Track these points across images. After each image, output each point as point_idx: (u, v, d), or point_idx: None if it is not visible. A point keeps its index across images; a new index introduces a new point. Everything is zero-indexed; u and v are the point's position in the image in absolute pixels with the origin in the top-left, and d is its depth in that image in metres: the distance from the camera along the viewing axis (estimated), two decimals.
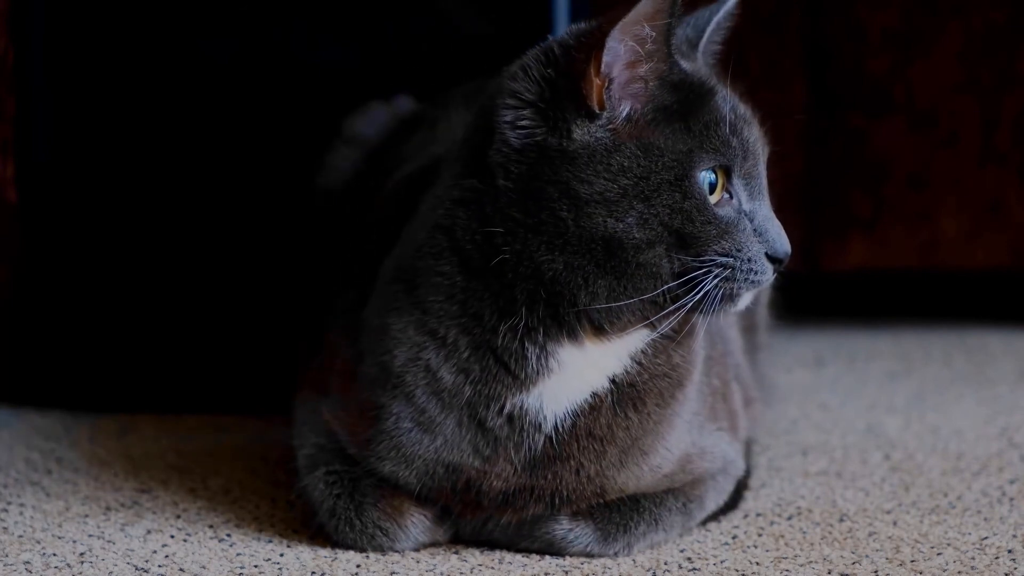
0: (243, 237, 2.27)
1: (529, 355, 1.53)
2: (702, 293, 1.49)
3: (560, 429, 1.56)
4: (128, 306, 2.29)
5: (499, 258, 1.51)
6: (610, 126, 1.49)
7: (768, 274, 1.53)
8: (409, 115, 2.07)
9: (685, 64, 1.54)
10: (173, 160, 2.26)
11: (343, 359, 1.67)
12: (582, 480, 1.58)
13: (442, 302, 1.55)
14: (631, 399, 1.58)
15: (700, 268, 1.49)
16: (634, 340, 1.56)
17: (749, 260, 1.51)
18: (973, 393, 2.39)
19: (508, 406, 1.55)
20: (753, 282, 1.52)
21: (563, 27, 2.19)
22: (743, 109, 1.55)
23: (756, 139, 1.55)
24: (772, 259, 1.52)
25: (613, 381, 1.57)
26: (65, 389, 2.30)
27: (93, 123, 2.26)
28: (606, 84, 1.49)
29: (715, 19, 1.61)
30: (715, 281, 1.49)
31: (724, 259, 1.50)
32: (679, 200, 1.48)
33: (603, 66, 1.48)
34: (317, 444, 1.68)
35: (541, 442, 1.56)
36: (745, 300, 1.54)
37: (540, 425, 1.55)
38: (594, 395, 1.56)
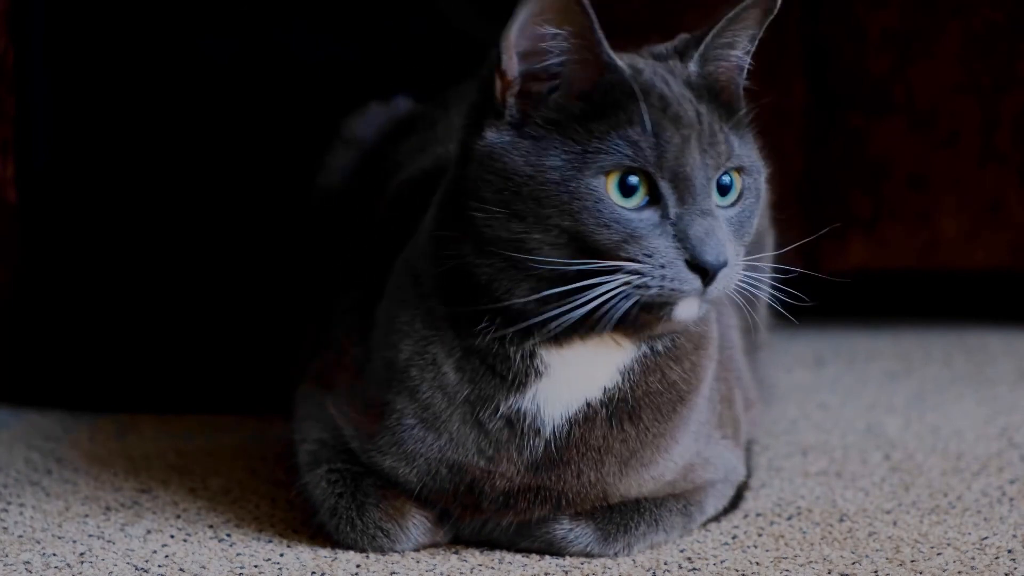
0: (242, 237, 2.27)
1: (512, 356, 1.53)
2: (607, 299, 1.45)
3: (558, 435, 1.56)
4: (127, 306, 2.29)
5: (453, 263, 1.51)
6: (518, 127, 1.48)
7: (692, 283, 1.45)
8: (406, 116, 2.07)
9: (623, 62, 1.50)
10: (173, 160, 2.26)
11: (350, 356, 1.67)
12: (584, 484, 1.58)
13: (437, 305, 1.56)
14: (625, 413, 1.57)
15: (607, 270, 1.44)
16: (620, 353, 1.55)
17: (662, 266, 1.45)
18: (973, 393, 2.39)
19: (503, 408, 1.55)
20: (674, 290, 1.45)
21: None
22: (678, 109, 1.49)
23: (686, 140, 1.48)
24: (694, 267, 1.46)
25: (605, 392, 1.56)
26: (65, 389, 2.30)
27: (93, 123, 2.26)
28: (514, 83, 1.48)
29: (726, 17, 1.56)
30: (619, 287, 1.45)
31: (630, 264, 1.45)
32: (566, 200, 1.45)
33: (503, 64, 1.48)
34: (320, 440, 1.68)
35: (541, 447, 1.56)
36: (685, 310, 1.48)
37: (539, 430, 1.55)
38: (588, 405, 1.56)
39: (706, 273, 1.46)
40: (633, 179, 1.46)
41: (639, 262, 1.45)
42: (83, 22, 2.23)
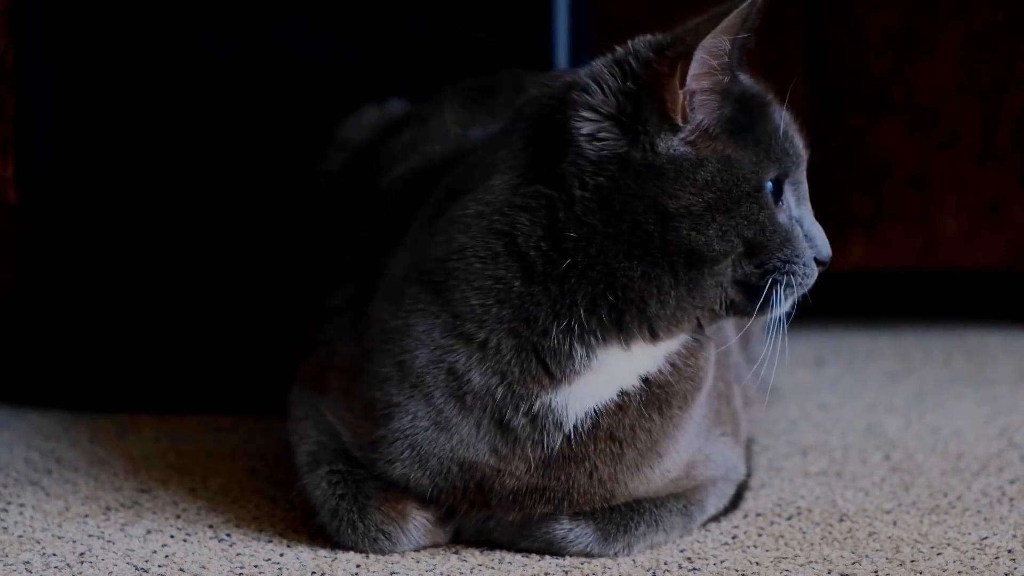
0: (241, 237, 2.27)
1: (576, 355, 1.53)
2: (765, 299, 1.52)
3: (580, 428, 1.56)
4: (127, 306, 2.29)
5: (567, 261, 1.51)
6: (690, 139, 1.50)
7: (814, 277, 1.56)
8: (401, 116, 2.07)
9: (741, 75, 1.56)
10: (172, 160, 2.26)
11: (345, 356, 1.67)
12: (594, 483, 1.58)
13: (491, 306, 1.54)
14: (659, 400, 1.58)
15: (764, 276, 1.52)
16: (674, 342, 1.57)
17: (804, 265, 1.54)
18: (973, 393, 2.40)
19: (537, 405, 1.55)
20: (804, 286, 1.55)
21: (563, 28, 2.19)
22: (789, 116, 1.58)
23: (804, 145, 1.58)
24: (819, 263, 1.56)
25: (645, 380, 1.57)
26: (65, 389, 2.30)
27: (93, 123, 2.26)
28: (689, 97, 1.50)
29: (743, 25, 1.59)
30: (780, 288, 1.52)
31: (786, 265, 1.52)
32: (756, 211, 1.50)
33: (689, 78, 1.50)
34: (319, 442, 1.68)
35: (559, 441, 1.56)
36: (789, 302, 1.56)
37: (561, 423, 1.56)
38: (622, 394, 1.57)
39: (824, 267, 1.57)
40: (769, 185, 1.52)
41: (791, 262, 1.53)
42: (83, 22, 2.23)
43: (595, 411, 1.56)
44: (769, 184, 1.52)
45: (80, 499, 1.84)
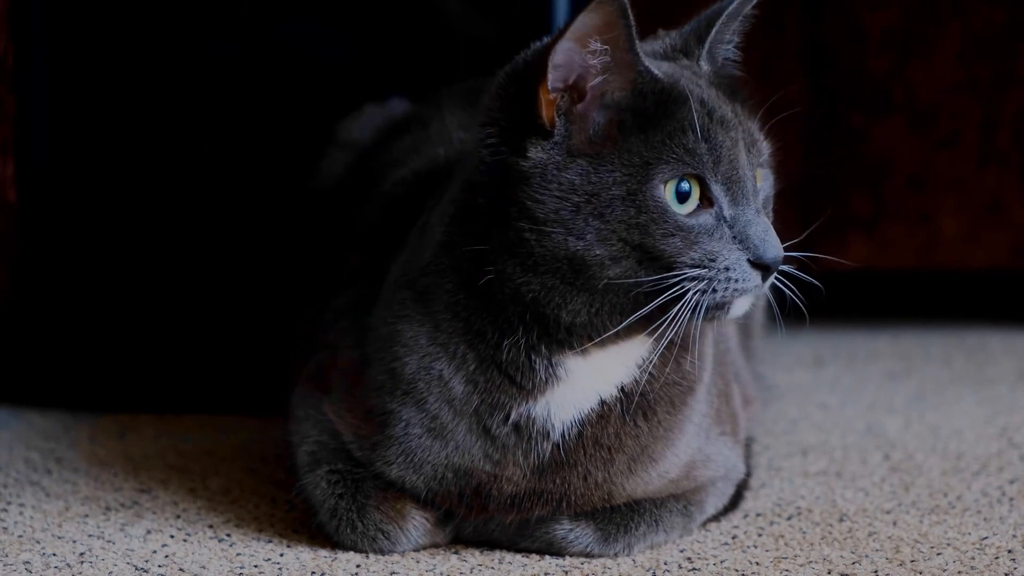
0: (241, 236, 2.27)
1: (536, 367, 1.53)
2: (681, 305, 1.46)
3: (567, 437, 1.56)
4: (127, 306, 2.29)
5: (487, 278, 1.51)
6: (565, 143, 1.47)
7: (754, 280, 1.48)
8: (402, 117, 2.07)
9: (659, 70, 1.50)
10: (172, 160, 2.26)
11: (346, 359, 1.67)
12: (590, 486, 1.58)
13: (449, 320, 1.55)
14: (641, 408, 1.57)
15: (675, 281, 1.46)
16: (639, 348, 1.55)
17: (727, 268, 1.47)
18: (973, 393, 2.40)
19: (513, 415, 1.55)
20: (737, 290, 1.48)
21: None
22: (722, 112, 1.51)
23: (735, 143, 1.50)
24: (757, 265, 1.48)
25: (622, 390, 1.56)
26: (65, 389, 2.30)
27: (93, 124, 2.26)
28: (558, 101, 1.47)
29: (726, 12, 1.57)
30: (692, 295, 1.46)
31: (696, 271, 1.46)
32: (633, 215, 1.45)
33: (550, 83, 1.46)
34: (319, 442, 1.68)
35: (548, 449, 1.56)
36: (740, 306, 1.50)
37: (548, 433, 1.55)
38: (602, 403, 1.56)
39: (767, 270, 1.49)
40: (685, 185, 1.47)
41: (703, 267, 1.46)
42: (83, 22, 2.23)
43: (579, 420, 1.56)
44: (679, 184, 1.46)
45: (80, 499, 1.84)
